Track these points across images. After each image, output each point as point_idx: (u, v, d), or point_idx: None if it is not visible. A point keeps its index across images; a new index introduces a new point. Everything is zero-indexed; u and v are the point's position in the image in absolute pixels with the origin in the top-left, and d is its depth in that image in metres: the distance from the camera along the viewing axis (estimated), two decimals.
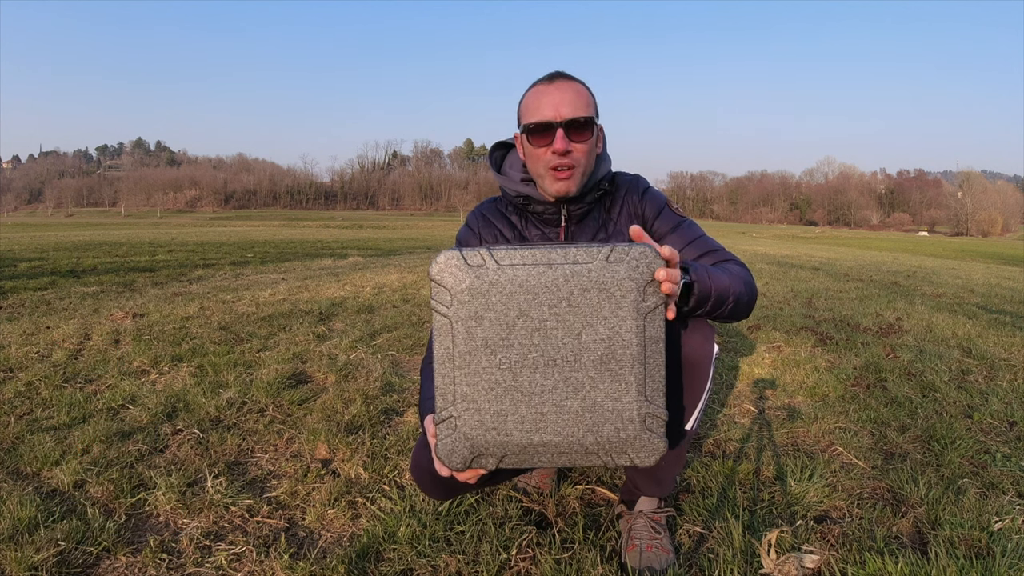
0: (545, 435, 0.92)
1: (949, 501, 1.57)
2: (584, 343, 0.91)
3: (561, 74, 1.26)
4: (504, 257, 0.90)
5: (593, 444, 0.92)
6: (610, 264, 0.90)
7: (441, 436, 0.94)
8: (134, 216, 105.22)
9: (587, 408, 0.92)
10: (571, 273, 0.90)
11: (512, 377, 0.92)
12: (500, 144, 1.46)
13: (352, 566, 1.31)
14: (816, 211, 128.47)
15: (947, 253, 27.12)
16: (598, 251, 0.90)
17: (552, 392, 0.92)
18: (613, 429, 0.92)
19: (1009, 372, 2.89)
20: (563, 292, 0.90)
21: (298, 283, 6.18)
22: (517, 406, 0.92)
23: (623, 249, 0.90)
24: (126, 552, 1.38)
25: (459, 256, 0.90)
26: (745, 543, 1.37)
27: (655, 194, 1.38)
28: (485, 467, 0.94)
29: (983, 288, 7.09)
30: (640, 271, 0.90)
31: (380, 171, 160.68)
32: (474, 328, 0.91)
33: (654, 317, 0.91)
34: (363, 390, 2.53)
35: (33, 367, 2.84)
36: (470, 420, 0.92)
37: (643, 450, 0.93)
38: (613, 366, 0.91)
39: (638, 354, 0.91)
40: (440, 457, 0.94)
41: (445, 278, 0.91)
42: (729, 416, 2.32)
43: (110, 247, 12.35)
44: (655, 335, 0.92)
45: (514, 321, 0.91)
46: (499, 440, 0.92)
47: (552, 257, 0.90)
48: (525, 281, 0.90)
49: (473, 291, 0.90)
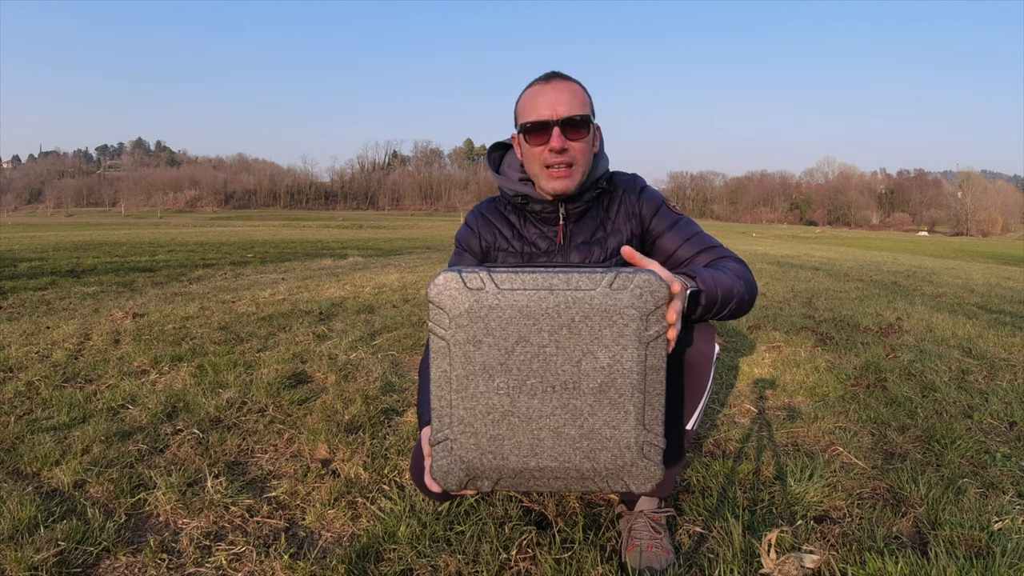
0: (542, 460, 0.91)
1: (949, 501, 1.57)
2: (584, 370, 0.90)
3: (557, 74, 1.27)
4: (504, 281, 0.89)
5: (590, 471, 0.92)
6: (613, 291, 0.88)
7: (437, 457, 0.93)
8: (134, 216, 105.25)
9: (584, 435, 0.91)
10: (573, 300, 0.88)
11: (510, 402, 0.90)
12: (498, 145, 1.47)
13: (352, 566, 1.31)
14: (816, 211, 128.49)
15: (947, 253, 27.12)
16: (601, 277, 0.88)
17: (550, 418, 0.91)
18: (610, 456, 0.91)
19: (1009, 372, 2.89)
20: (564, 318, 0.89)
21: (298, 283, 6.18)
22: (514, 431, 0.91)
23: (627, 276, 0.88)
24: (126, 552, 1.38)
25: (458, 278, 0.89)
26: (745, 543, 1.37)
27: (652, 192, 1.39)
28: (480, 489, 0.94)
29: (983, 288, 7.09)
30: (643, 299, 0.88)
31: (380, 171, 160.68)
32: (472, 352, 0.89)
33: (656, 346, 0.90)
34: (363, 390, 2.53)
35: (33, 367, 2.84)
36: (466, 443, 0.91)
37: (639, 477, 0.92)
38: (612, 394, 0.90)
39: (638, 383, 0.90)
40: (436, 478, 0.93)
41: (444, 300, 0.89)
42: (729, 416, 2.32)
43: (110, 247, 12.35)
44: (656, 364, 0.90)
45: (513, 346, 0.89)
46: (495, 464, 0.92)
47: (554, 282, 0.88)
48: (525, 306, 0.89)
49: (472, 315, 0.89)
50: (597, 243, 1.35)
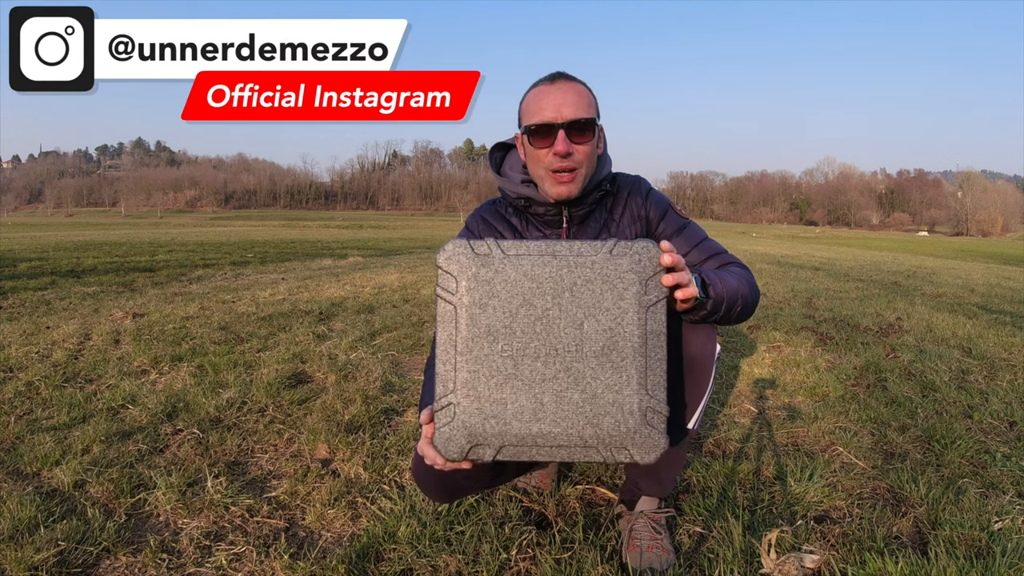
0: (544, 425, 0.92)
1: (949, 501, 1.57)
2: (586, 333, 0.92)
3: (562, 75, 1.26)
4: (510, 247, 0.93)
5: (593, 437, 0.92)
6: (613, 257, 0.92)
7: (439, 424, 0.93)
8: (134, 216, 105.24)
9: (587, 399, 0.92)
10: (575, 264, 0.92)
11: (513, 365, 0.92)
12: (500, 145, 1.46)
13: (352, 566, 1.31)
14: (816, 211, 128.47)
15: (947, 253, 27.12)
16: (602, 245, 0.93)
17: (552, 381, 0.92)
18: (613, 422, 0.92)
19: (1009, 372, 2.89)
20: (567, 282, 0.92)
21: (298, 283, 6.18)
22: (517, 394, 0.92)
23: (626, 244, 0.92)
24: (126, 552, 1.38)
25: (467, 245, 0.93)
26: (745, 543, 1.37)
27: (659, 196, 1.39)
28: (482, 458, 0.94)
29: (983, 288, 7.09)
30: (643, 264, 0.92)
31: (380, 171, 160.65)
32: (478, 315, 0.92)
33: (656, 311, 0.92)
34: (363, 390, 2.53)
35: (33, 367, 2.84)
36: (469, 407, 0.92)
37: (643, 445, 0.92)
38: (614, 357, 0.92)
39: (639, 346, 0.92)
40: (437, 446, 0.94)
41: (452, 266, 0.93)
42: (729, 416, 2.32)
43: (110, 247, 12.35)
44: (656, 328, 0.93)
45: (517, 309, 0.92)
46: (497, 429, 0.92)
47: (557, 249, 0.93)
48: (530, 270, 0.92)
49: (479, 278, 0.92)
50: None
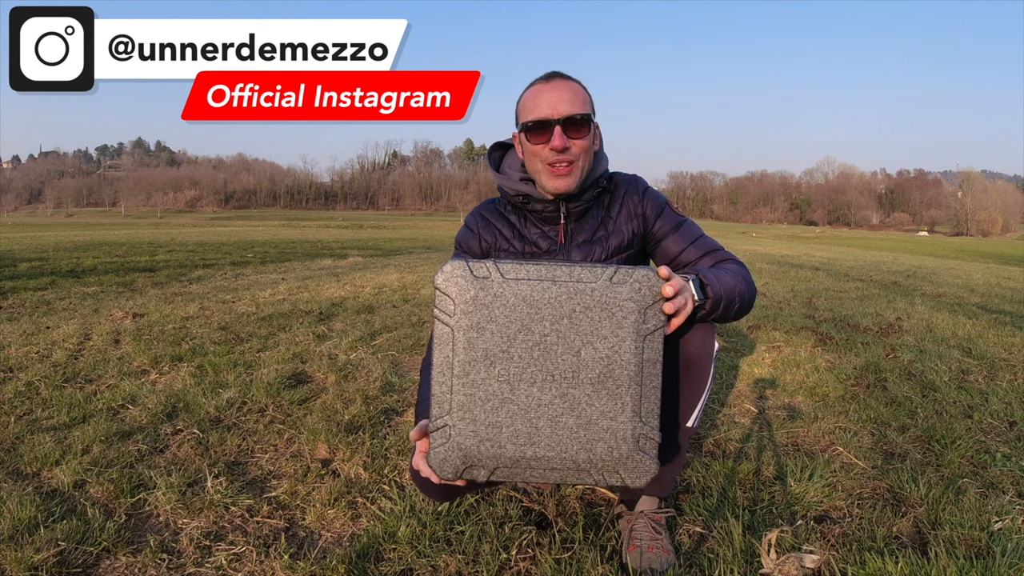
0: (539, 449, 0.92)
1: (949, 501, 1.57)
2: (583, 360, 0.91)
3: (558, 74, 1.28)
4: (510, 271, 0.92)
5: (586, 461, 0.93)
6: (613, 284, 0.91)
7: (434, 444, 0.93)
8: (134, 216, 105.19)
9: (582, 425, 0.92)
10: (574, 291, 0.91)
11: (509, 389, 0.92)
12: (499, 144, 1.47)
13: (352, 566, 1.31)
14: (816, 211, 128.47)
15: (947, 253, 27.12)
16: (602, 271, 0.92)
17: (548, 407, 0.92)
18: (606, 448, 0.92)
19: (1009, 372, 2.89)
20: (565, 309, 0.91)
21: (298, 283, 6.18)
22: (513, 419, 0.92)
23: (627, 271, 0.92)
24: (126, 552, 1.38)
25: (465, 267, 0.91)
26: (745, 543, 1.37)
27: (655, 194, 1.40)
28: (476, 479, 0.94)
29: (983, 288, 7.09)
30: (642, 293, 0.91)
31: (380, 171, 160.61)
32: (475, 339, 0.91)
33: (653, 340, 0.92)
34: (363, 390, 2.53)
35: (33, 367, 2.84)
36: (464, 430, 0.92)
37: (635, 470, 0.93)
38: (610, 385, 0.91)
39: (635, 375, 0.91)
40: (432, 466, 0.94)
41: (450, 287, 0.92)
42: (729, 416, 2.32)
43: (110, 247, 12.35)
44: (653, 357, 0.92)
45: (515, 334, 0.91)
46: (492, 452, 0.92)
47: (557, 274, 0.92)
48: (529, 295, 0.91)
49: (477, 302, 0.91)
50: (598, 242, 1.35)
